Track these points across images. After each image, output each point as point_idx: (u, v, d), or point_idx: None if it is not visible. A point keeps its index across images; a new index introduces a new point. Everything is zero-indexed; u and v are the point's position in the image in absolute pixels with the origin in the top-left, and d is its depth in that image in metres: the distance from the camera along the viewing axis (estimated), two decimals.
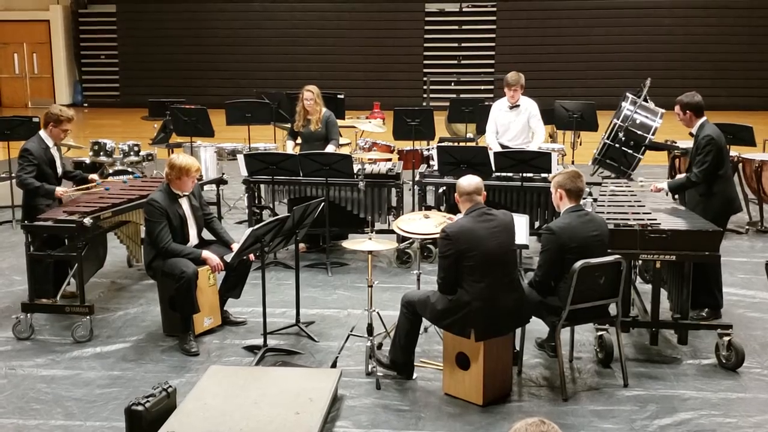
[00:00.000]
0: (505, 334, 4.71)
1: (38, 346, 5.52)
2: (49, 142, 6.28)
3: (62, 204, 6.12)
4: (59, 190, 6.20)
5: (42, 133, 6.29)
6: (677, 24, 19.85)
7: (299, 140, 8.19)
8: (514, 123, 7.98)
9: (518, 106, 7.94)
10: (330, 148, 7.83)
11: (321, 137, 7.90)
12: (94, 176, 6.72)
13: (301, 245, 7.73)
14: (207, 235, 6.01)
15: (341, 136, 10.78)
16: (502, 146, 7.86)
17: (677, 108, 6.05)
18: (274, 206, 7.70)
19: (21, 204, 6.44)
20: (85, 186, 6.50)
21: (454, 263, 4.58)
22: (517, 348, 5.03)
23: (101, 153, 9.52)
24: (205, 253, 5.60)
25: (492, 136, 8.09)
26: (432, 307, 4.69)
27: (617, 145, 7.49)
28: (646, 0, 19.89)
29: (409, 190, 8.35)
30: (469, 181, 4.77)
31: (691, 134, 6.13)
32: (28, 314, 5.66)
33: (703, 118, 6.02)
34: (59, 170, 6.39)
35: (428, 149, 9.20)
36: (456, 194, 4.81)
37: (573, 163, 9.32)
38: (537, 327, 5.18)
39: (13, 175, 9.09)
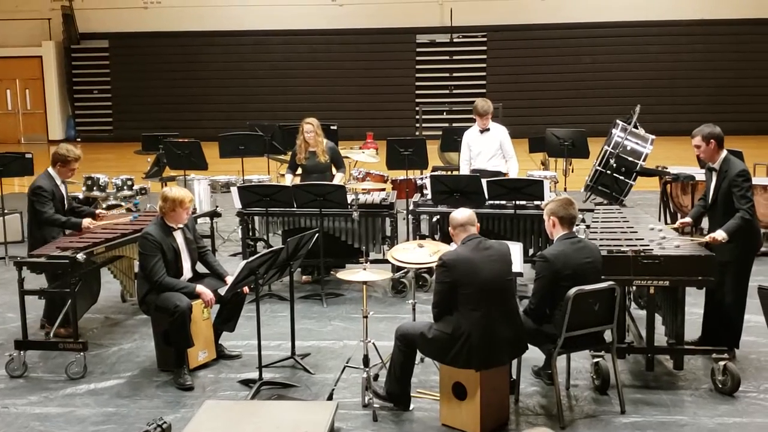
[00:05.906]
0: (504, 363, 4.70)
1: (32, 383, 5.47)
2: (57, 180, 6.35)
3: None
4: (86, 221, 6.26)
5: (50, 170, 6.36)
6: (665, 51, 20.08)
7: (299, 171, 8.19)
8: (487, 146, 8.29)
9: (489, 130, 8.27)
10: (339, 177, 7.91)
11: (326, 168, 7.95)
12: (101, 211, 6.79)
13: (305, 277, 7.73)
14: (201, 268, 6.00)
15: None
16: (479, 170, 8.03)
17: (698, 140, 5.54)
18: (269, 238, 7.70)
19: (28, 238, 6.44)
20: (116, 219, 6.56)
21: (449, 291, 4.58)
22: (514, 376, 5.01)
23: (94, 188, 9.55)
24: (199, 288, 5.57)
25: (464, 164, 8.37)
26: (430, 344, 4.66)
27: (609, 172, 7.54)
28: (634, 28, 20.13)
29: (403, 219, 8.36)
30: (462, 213, 4.82)
31: (710, 168, 5.62)
32: (22, 351, 5.62)
33: (725, 151, 5.59)
34: (66, 206, 6.45)
35: (421, 178, 9.25)
36: (450, 227, 4.85)
37: (565, 190, 9.36)
38: (533, 355, 5.16)
39: (6, 211, 9.11)
